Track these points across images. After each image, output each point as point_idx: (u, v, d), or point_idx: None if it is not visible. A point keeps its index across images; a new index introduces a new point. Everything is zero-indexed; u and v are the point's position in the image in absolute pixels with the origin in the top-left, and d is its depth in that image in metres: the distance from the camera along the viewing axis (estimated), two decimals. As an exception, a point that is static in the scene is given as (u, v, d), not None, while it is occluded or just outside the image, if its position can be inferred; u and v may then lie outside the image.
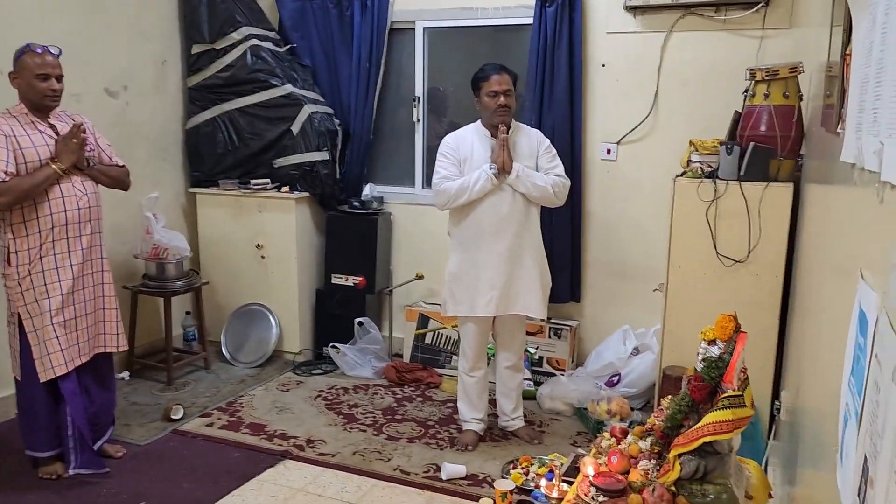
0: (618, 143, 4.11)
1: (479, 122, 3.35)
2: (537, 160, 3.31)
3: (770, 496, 2.27)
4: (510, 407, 3.52)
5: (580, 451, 3.18)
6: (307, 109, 4.42)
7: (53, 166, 2.85)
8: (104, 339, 3.17)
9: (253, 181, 4.54)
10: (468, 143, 3.30)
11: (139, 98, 4.34)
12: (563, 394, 3.81)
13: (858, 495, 0.86)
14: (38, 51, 2.86)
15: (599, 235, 4.23)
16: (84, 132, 2.94)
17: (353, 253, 4.55)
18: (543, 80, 4.06)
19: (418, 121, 4.64)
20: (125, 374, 4.20)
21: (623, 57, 4.04)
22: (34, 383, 2.93)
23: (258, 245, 4.54)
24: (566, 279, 4.16)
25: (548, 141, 3.40)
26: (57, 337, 2.91)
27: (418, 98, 4.61)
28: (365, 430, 3.60)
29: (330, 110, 4.62)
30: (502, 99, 3.19)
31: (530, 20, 4.11)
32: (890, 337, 0.78)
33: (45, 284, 2.89)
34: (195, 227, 4.74)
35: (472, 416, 3.49)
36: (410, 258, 4.66)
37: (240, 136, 4.58)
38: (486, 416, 3.53)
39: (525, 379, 3.86)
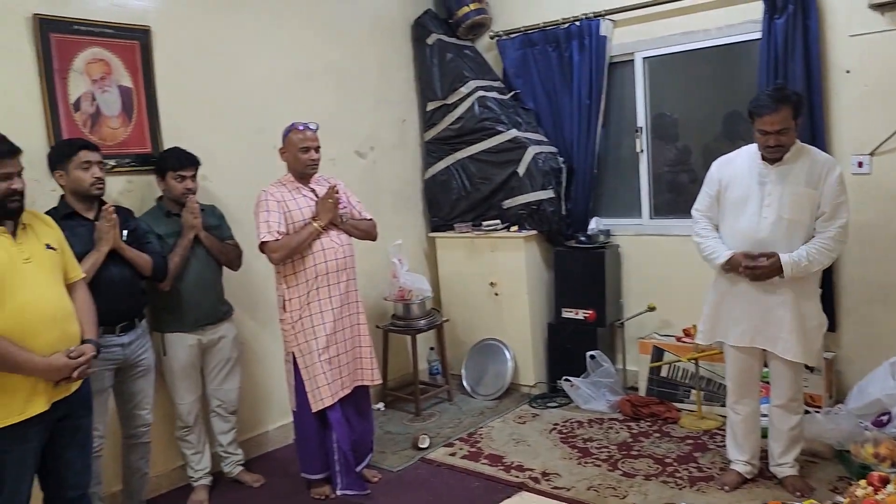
0: (871, 154, 3.72)
1: (755, 145, 3.09)
2: (822, 193, 2.95)
3: None
4: (777, 450, 3.21)
5: (839, 499, 2.88)
6: (531, 151, 4.60)
7: (315, 224, 3.31)
8: (362, 373, 3.55)
9: (485, 223, 4.81)
10: (734, 168, 3.11)
11: (383, 156, 4.85)
12: (820, 433, 3.47)
13: None
14: (301, 128, 3.37)
15: (856, 256, 3.82)
16: (338, 192, 3.38)
17: (582, 287, 4.59)
18: (776, 96, 3.81)
19: (642, 151, 4.59)
20: (380, 406, 4.64)
21: (870, 60, 3.66)
22: (307, 414, 3.37)
23: (492, 283, 4.78)
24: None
25: (839, 173, 2.96)
26: (324, 372, 3.32)
27: (641, 128, 4.57)
28: (599, 465, 3.60)
29: (553, 149, 4.76)
30: (771, 141, 2.94)
31: (757, 34, 3.92)
32: None
33: (313, 326, 3.33)
34: (435, 269, 5.12)
35: (736, 457, 3.28)
36: (641, 290, 4.59)
37: (471, 181, 4.90)
38: (755, 459, 3.27)
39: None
